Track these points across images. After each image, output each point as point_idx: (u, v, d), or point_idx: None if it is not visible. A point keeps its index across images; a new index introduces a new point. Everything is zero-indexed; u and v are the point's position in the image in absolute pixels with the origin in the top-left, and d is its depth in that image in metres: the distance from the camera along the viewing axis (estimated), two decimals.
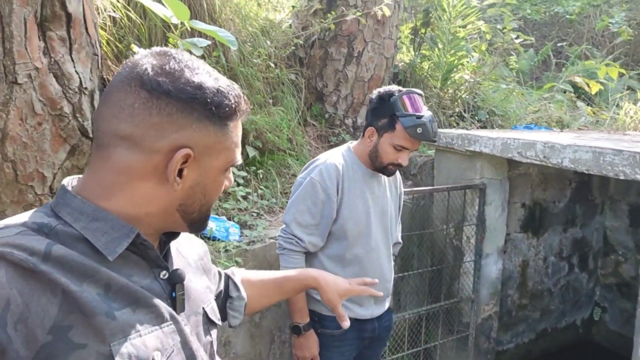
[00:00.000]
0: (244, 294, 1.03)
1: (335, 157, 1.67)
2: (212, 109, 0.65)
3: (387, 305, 1.85)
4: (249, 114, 0.73)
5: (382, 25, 3.79)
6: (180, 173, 0.65)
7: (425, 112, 1.57)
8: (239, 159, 0.72)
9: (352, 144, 1.75)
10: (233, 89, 0.68)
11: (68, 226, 0.62)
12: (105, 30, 2.56)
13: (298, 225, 1.61)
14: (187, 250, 0.84)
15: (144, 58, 0.65)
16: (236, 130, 0.70)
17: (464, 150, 2.76)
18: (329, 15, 3.53)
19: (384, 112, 1.58)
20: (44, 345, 0.55)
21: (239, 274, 1.07)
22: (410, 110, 1.55)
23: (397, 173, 1.86)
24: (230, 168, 0.73)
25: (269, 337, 2.33)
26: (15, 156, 1.70)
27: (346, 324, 1.09)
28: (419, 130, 1.53)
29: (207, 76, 0.65)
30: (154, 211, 0.67)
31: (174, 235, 0.75)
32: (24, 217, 0.63)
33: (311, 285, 1.12)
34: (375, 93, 1.66)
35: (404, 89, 1.61)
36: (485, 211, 2.80)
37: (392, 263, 1.83)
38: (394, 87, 1.64)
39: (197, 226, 0.73)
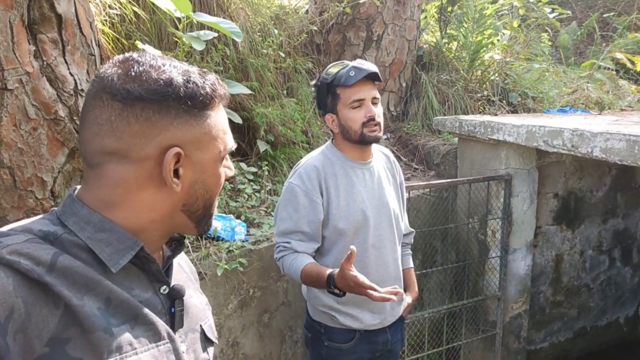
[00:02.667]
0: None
1: (315, 157, 1.58)
2: (187, 102, 0.64)
3: (400, 309, 1.69)
4: (228, 98, 0.71)
5: (402, 5, 3.58)
6: (176, 174, 0.65)
7: (352, 62, 1.52)
8: (232, 145, 0.71)
9: (332, 140, 1.62)
10: (206, 77, 0.67)
11: (73, 235, 0.62)
12: (111, 28, 2.54)
13: (282, 234, 1.54)
14: (187, 266, 0.84)
15: (108, 69, 0.64)
16: (220, 117, 0.69)
17: (487, 139, 2.56)
18: None
19: (324, 93, 1.54)
20: (40, 356, 0.55)
21: None
22: (335, 70, 1.51)
23: (394, 162, 1.72)
24: (227, 156, 0.72)
25: (279, 337, 2.27)
26: (12, 162, 1.70)
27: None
28: (352, 73, 1.46)
29: (175, 71, 0.64)
30: (159, 217, 0.67)
31: (178, 249, 0.75)
32: (31, 223, 0.63)
33: None
34: (312, 88, 1.62)
35: None
36: (512, 204, 2.61)
37: (399, 257, 1.65)
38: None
39: (203, 223, 0.72)
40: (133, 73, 0.62)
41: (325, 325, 1.61)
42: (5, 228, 0.63)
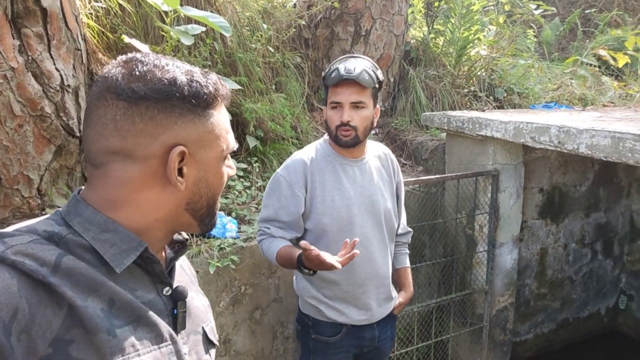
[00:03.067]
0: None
1: (306, 151, 1.59)
2: (191, 101, 0.64)
3: (390, 307, 1.69)
4: (229, 98, 0.72)
5: (390, 1, 3.58)
6: (180, 172, 0.65)
7: (345, 62, 1.49)
8: (234, 144, 0.72)
9: (327, 135, 1.63)
10: (208, 76, 0.68)
11: (78, 236, 0.63)
12: (96, 21, 2.48)
13: (264, 220, 1.58)
14: (188, 268, 0.85)
15: (112, 69, 0.64)
16: (222, 116, 0.70)
17: (474, 134, 2.59)
18: None
19: (324, 89, 1.56)
20: (43, 357, 0.55)
21: None
22: (331, 66, 1.50)
23: (392, 161, 1.70)
24: (229, 155, 0.72)
25: (270, 333, 2.28)
26: None
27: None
28: (333, 74, 1.47)
29: (179, 70, 0.65)
30: (162, 216, 0.67)
31: (181, 251, 0.76)
32: (36, 224, 0.63)
33: None
34: None
35: None
36: (499, 199, 2.65)
37: (389, 256, 1.66)
38: None
39: (206, 222, 0.73)
40: (137, 72, 0.63)
41: (313, 318, 1.63)
42: (10, 228, 0.62)
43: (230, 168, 0.73)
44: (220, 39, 2.78)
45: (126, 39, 2.25)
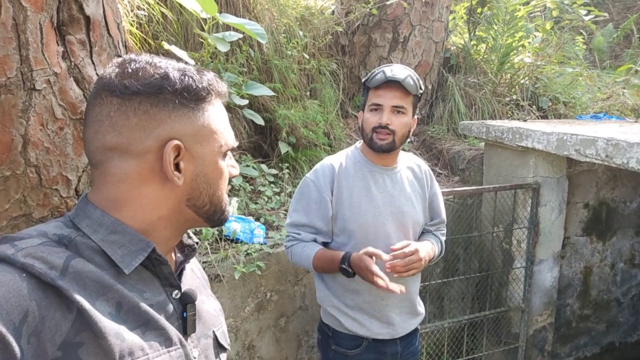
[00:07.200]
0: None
1: (337, 156, 1.58)
2: (183, 94, 0.65)
3: (415, 323, 1.63)
4: (226, 96, 0.72)
5: (430, 7, 3.51)
6: (178, 168, 0.65)
7: (391, 66, 1.49)
8: (233, 141, 0.72)
9: (360, 142, 1.60)
10: (202, 73, 0.68)
11: (86, 238, 0.63)
12: (139, 29, 2.57)
13: (294, 225, 1.56)
14: (199, 271, 0.85)
15: (107, 70, 0.65)
16: (218, 112, 0.70)
17: (515, 145, 2.48)
18: None
19: (362, 91, 1.54)
20: None
21: None
22: (374, 70, 1.49)
23: (427, 174, 1.64)
24: (230, 155, 0.72)
25: (295, 341, 2.26)
26: (38, 161, 1.73)
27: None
28: (378, 76, 1.45)
29: (171, 67, 0.66)
30: (165, 213, 0.67)
31: (190, 254, 0.76)
32: (45, 226, 0.64)
33: None
34: None
35: None
36: (539, 213, 2.52)
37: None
38: None
39: (215, 219, 0.72)
40: (130, 70, 0.64)
41: (333, 329, 1.60)
42: (21, 232, 0.63)
43: (232, 167, 0.73)
44: (257, 45, 2.81)
45: (165, 45, 2.31)
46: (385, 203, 1.52)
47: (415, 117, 1.54)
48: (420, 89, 1.50)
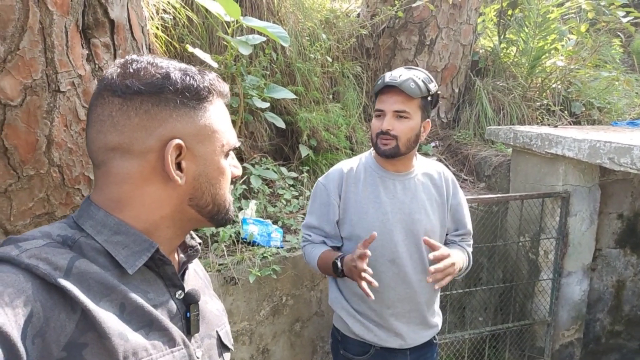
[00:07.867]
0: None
1: (349, 161, 1.57)
2: (184, 94, 0.65)
3: (429, 335, 1.56)
4: (228, 96, 0.72)
5: (458, 9, 3.43)
6: (180, 167, 0.65)
7: (394, 70, 1.46)
8: (235, 142, 0.72)
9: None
10: (204, 73, 0.68)
11: (90, 239, 0.63)
12: (165, 32, 2.61)
13: (307, 226, 1.58)
14: (203, 273, 0.85)
15: (109, 70, 0.65)
16: (220, 111, 0.70)
17: (544, 152, 2.39)
18: (396, 1, 3.27)
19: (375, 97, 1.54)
20: None
21: None
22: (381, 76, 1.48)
23: (448, 181, 1.57)
24: (233, 155, 0.73)
25: (310, 347, 2.24)
26: (61, 161, 1.77)
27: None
28: (379, 82, 1.44)
29: (172, 67, 0.66)
30: (168, 213, 0.67)
31: (194, 255, 0.76)
32: (50, 228, 0.64)
33: None
34: None
35: None
36: (569, 223, 2.42)
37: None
38: None
39: (219, 218, 0.72)
40: (131, 70, 0.64)
41: (342, 333, 1.57)
42: (25, 233, 0.64)
43: (235, 167, 0.73)
44: (280, 48, 2.81)
45: (190, 48, 2.34)
46: (395, 210, 1.47)
47: (428, 120, 1.48)
48: (428, 91, 1.43)
